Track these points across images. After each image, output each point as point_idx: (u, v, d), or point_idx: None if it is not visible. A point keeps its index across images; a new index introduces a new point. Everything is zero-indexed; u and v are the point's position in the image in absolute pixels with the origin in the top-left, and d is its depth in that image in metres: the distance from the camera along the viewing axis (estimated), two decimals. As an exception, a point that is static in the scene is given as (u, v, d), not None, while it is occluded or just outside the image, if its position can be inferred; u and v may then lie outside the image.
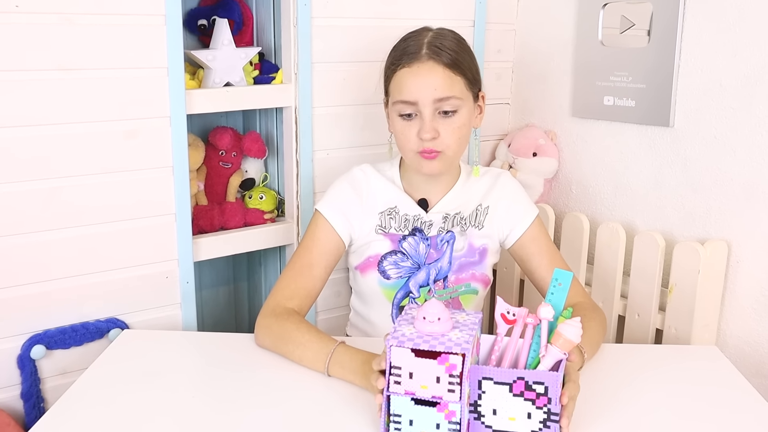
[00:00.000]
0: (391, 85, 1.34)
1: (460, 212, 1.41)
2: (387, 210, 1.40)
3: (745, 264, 1.51)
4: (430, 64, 1.29)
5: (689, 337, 1.52)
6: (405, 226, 1.40)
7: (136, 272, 1.50)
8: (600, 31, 1.75)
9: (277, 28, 1.68)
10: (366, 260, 1.41)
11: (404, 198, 1.41)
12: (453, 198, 1.42)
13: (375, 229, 1.40)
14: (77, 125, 1.38)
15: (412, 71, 1.29)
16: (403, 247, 1.39)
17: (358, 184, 1.41)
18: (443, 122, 1.30)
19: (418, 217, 1.40)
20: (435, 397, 0.99)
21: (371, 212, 1.40)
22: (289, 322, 1.29)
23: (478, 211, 1.42)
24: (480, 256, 1.41)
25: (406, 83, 1.30)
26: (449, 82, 1.29)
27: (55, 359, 1.44)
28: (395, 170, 1.44)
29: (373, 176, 1.43)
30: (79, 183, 1.40)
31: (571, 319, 1.02)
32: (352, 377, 1.19)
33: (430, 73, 1.28)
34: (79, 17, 1.34)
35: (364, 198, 1.40)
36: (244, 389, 1.19)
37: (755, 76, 1.46)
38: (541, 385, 1.00)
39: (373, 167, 1.44)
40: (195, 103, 1.51)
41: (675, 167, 1.62)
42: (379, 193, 1.41)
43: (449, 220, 1.41)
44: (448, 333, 1.02)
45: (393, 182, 1.42)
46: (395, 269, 1.40)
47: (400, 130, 1.33)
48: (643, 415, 1.13)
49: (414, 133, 1.31)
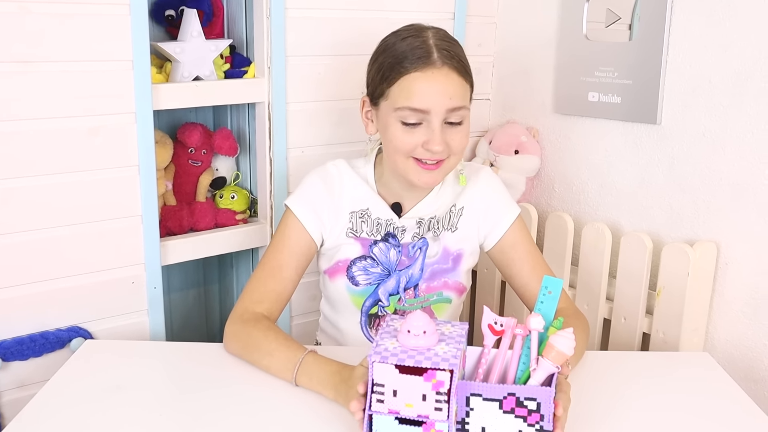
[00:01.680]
0: (393, 89, 1.22)
1: (435, 216, 1.35)
2: (359, 211, 1.33)
3: (735, 266, 1.48)
4: (445, 70, 1.20)
5: (677, 341, 1.48)
6: (377, 231, 1.33)
7: (100, 277, 1.43)
8: (584, 24, 1.71)
9: (249, 20, 1.61)
10: (335, 264, 1.34)
11: (377, 200, 1.34)
12: (429, 203, 1.35)
13: (346, 232, 1.33)
14: (36, 122, 1.31)
15: (426, 77, 1.19)
16: (374, 253, 1.33)
17: (330, 180, 1.34)
18: (451, 132, 1.22)
19: (390, 222, 1.33)
20: (421, 416, 0.94)
21: (342, 211, 1.33)
22: (256, 329, 1.23)
23: (451, 212, 1.35)
24: (454, 262, 1.35)
25: (418, 89, 1.19)
26: (462, 91, 1.22)
27: (12, 371, 1.37)
28: (369, 168, 1.36)
29: (346, 173, 1.35)
30: (38, 183, 1.33)
31: (562, 330, 0.97)
32: (320, 388, 1.13)
33: (446, 81, 1.20)
34: (37, 5, 1.26)
35: (336, 195, 1.33)
36: (214, 405, 1.12)
37: (746, 73, 1.42)
38: (533, 401, 0.95)
39: (347, 163, 1.36)
40: (162, 99, 1.44)
41: (662, 166, 1.59)
42: (351, 192, 1.34)
43: (424, 225, 1.34)
44: (434, 347, 0.96)
45: (366, 182, 1.35)
46: (364, 275, 1.33)
47: (399, 138, 1.22)
48: (633, 428, 1.09)
49: (416, 142, 1.21)
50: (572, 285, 1.71)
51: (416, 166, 1.23)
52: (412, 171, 1.24)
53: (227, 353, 1.27)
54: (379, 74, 1.25)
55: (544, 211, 1.85)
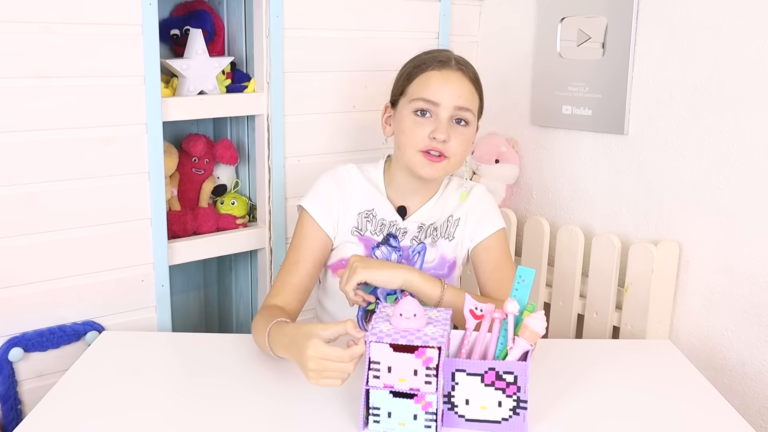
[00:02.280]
0: (412, 84, 1.38)
1: (434, 223, 1.46)
2: (365, 212, 1.44)
3: (695, 264, 1.60)
4: (458, 74, 1.37)
5: (644, 333, 1.60)
6: (380, 231, 1.44)
7: (113, 276, 1.53)
8: (558, 43, 1.84)
9: (249, 39, 1.73)
10: (338, 261, 1.45)
11: (384, 202, 1.45)
12: (430, 208, 1.46)
13: (351, 230, 1.44)
14: (55, 131, 1.41)
15: (442, 75, 1.36)
16: (375, 255, 1.43)
17: (341, 181, 1.45)
18: (455, 130, 1.36)
19: (394, 223, 1.44)
20: (413, 389, 1.05)
21: (351, 211, 1.44)
22: (262, 317, 1.32)
23: (449, 222, 1.46)
24: (449, 269, 1.46)
25: (433, 83, 1.36)
26: (471, 95, 1.38)
27: (32, 362, 1.46)
28: (379, 173, 1.48)
29: (356, 176, 1.46)
30: (57, 188, 1.43)
31: (535, 313, 1.09)
32: (283, 352, 1.21)
33: (457, 81, 1.36)
34: (59, 26, 1.37)
35: (347, 196, 1.44)
36: (222, 385, 1.23)
37: (702, 88, 1.56)
38: (510, 374, 1.07)
39: (357, 168, 1.48)
40: (170, 111, 1.55)
41: (629, 173, 1.71)
42: (360, 194, 1.45)
43: (423, 230, 1.45)
44: (423, 328, 1.08)
45: (376, 186, 1.46)
46: None
47: (410, 127, 1.36)
48: (601, 405, 1.20)
49: (425, 132, 1.35)
50: (549, 283, 1.83)
51: (423, 159, 1.36)
52: (419, 164, 1.36)
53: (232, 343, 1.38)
54: (403, 77, 1.42)
55: (523, 215, 1.97)
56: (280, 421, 1.13)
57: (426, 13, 1.91)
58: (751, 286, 1.51)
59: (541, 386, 1.20)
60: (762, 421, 1.52)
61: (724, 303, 1.56)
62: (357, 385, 1.13)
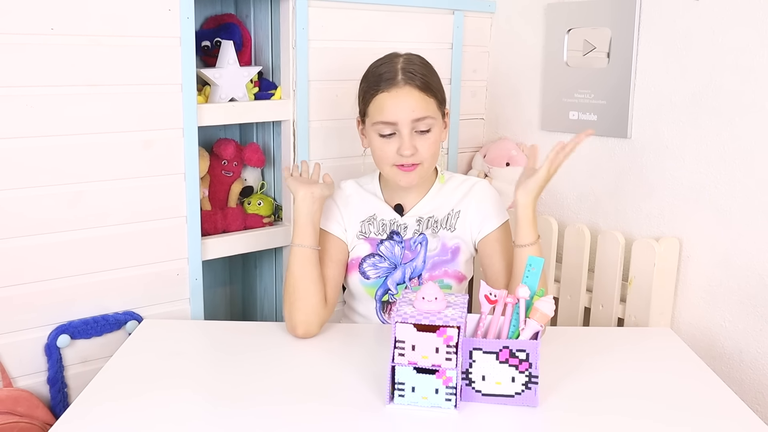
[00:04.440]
0: (369, 108, 1.48)
1: (433, 216, 1.56)
2: (367, 219, 1.57)
3: (695, 259, 1.70)
4: (407, 89, 1.44)
5: (647, 324, 1.69)
6: (383, 230, 1.56)
7: (151, 269, 1.64)
8: (565, 53, 1.93)
9: (275, 49, 1.84)
10: (349, 263, 1.57)
11: (382, 205, 1.58)
12: (426, 203, 1.57)
13: (357, 235, 1.57)
14: (101, 135, 1.53)
15: (391, 95, 1.44)
16: (381, 251, 1.55)
17: (343, 197, 1.60)
18: (419, 139, 1.46)
19: (394, 221, 1.56)
20: (434, 366, 1.16)
21: (354, 220, 1.57)
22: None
23: (450, 215, 1.56)
24: (452, 254, 1.55)
25: (386, 106, 1.44)
26: (423, 104, 1.45)
27: (77, 348, 1.57)
28: (375, 182, 1.61)
29: (354, 189, 1.60)
30: (101, 188, 1.54)
31: (544, 297, 1.20)
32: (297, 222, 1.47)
33: (407, 97, 1.44)
34: (106, 39, 1.49)
35: (348, 208, 1.58)
36: (257, 362, 1.34)
37: (700, 94, 1.65)
38: (523, 352, 1.17)
39: (354, 181, 1.62)
40: (204, 117, 1.67)
41: (632, 174, 1.81)
42: (359, 204, 1.58)
43: (423, 223, 1.55)
44: (444, 310, 1.18)
45: (375, 195, 1.59)
46: (374, 270, 1.55)
47: (379, 147, 1.47)
48: (605, 381, 1.29)
49: (393, 150, 1.46)
50: (557, 279, 1.92)
51: (398, 171, 1.48)
52: (396, 176, 1.49)
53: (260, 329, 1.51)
54: (360, 98, 1.52)
55: (532, 216, 2.06)
56: (310, 397, 1.23)
57: (441, 24, 2.02)
58: (747, 279, 1.60)
59: (551, 367, 1.30)
60: (758, 406, 1.61)
61: (722, 295, 1.65)
62: (383, 364, 1.24)
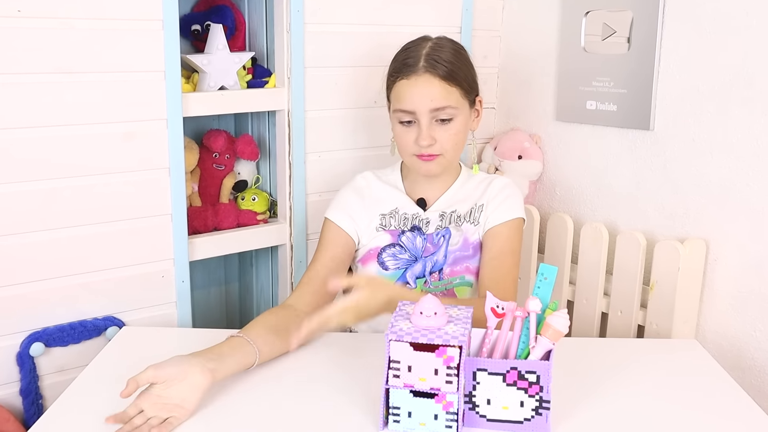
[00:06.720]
0: (391, 93, 1.43)
1: (456, 210, 1.47)
2: (389, 212, 1.48)
3: (723, 262, 1.58)
4: (426, 76, 1.36)
5: (670, 332, 1.58)
6: (405, 224, 1.48)
7: (133, 271, 1.53)
8: (582, 37, 1.81)
9: (269, 34, 1.72)
10: (367, 253, 1.48)
11: (404, 199, 1.49)
12: (450, 197, 1.49)
13: (376, 227, 1.48)
14: (76, 127, 1.42)
15: (410, 83, 1.37)
16: (402, 241, 1.46)
17: (360, 189, 1.51)
18: (440, 129, 1.38)
19: (416, 216, 1.47)
20: (433, 389, 1.04)
21: (374, 214, 1.48)
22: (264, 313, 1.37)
23: (473, 209, 1.47)
24: (474, 250, 1.47)
25: (404, 94, 1.38)
26: (445, 93, 1.37)
27: (53, 357, 1.47)
28: (397, 174, 1.53)
29: (374, 182, 1.52)
30: (77, 184, 1.44)
31: (558, 311, 1.07)
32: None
33: (426, 85, 1.36)
34: (79, 22, 1.38)
35: (367, 202, 1.49)
36: (241, 381, 1.22)
37: (730, 82, 1.53)
38: (533, 374, 1.05)
39: (373, 174, 1.54)
40: (191, 106, 1.55)
41: (655, 169, 1.69)
42: (380, 198, 1.50)
43: (446, 217, 1.47)
44: (444, 327, 1.06)
45: (395, 186, 1.51)
46: (393, 261, 1.46)
47: (400, 135, 1.42)
48: (626, 406, 1.18)
49: (412, 139, 1.39)
50: (572, 281, 1.81)
51: (418, 161, 1.41)
52: (416, 165, 1.43)
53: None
54: (385, 84, 1.46)
55: (546, 212, 1.95)
56: (299, 418, 1.13)
57: (448, 7, 1.89)
58: (781, 285, 1.48)
59: (565, 386, 1.18)
60: (791, 424, 1.49)
61: (753, 302, 1.53)
62: (377, 385, 1.12)
